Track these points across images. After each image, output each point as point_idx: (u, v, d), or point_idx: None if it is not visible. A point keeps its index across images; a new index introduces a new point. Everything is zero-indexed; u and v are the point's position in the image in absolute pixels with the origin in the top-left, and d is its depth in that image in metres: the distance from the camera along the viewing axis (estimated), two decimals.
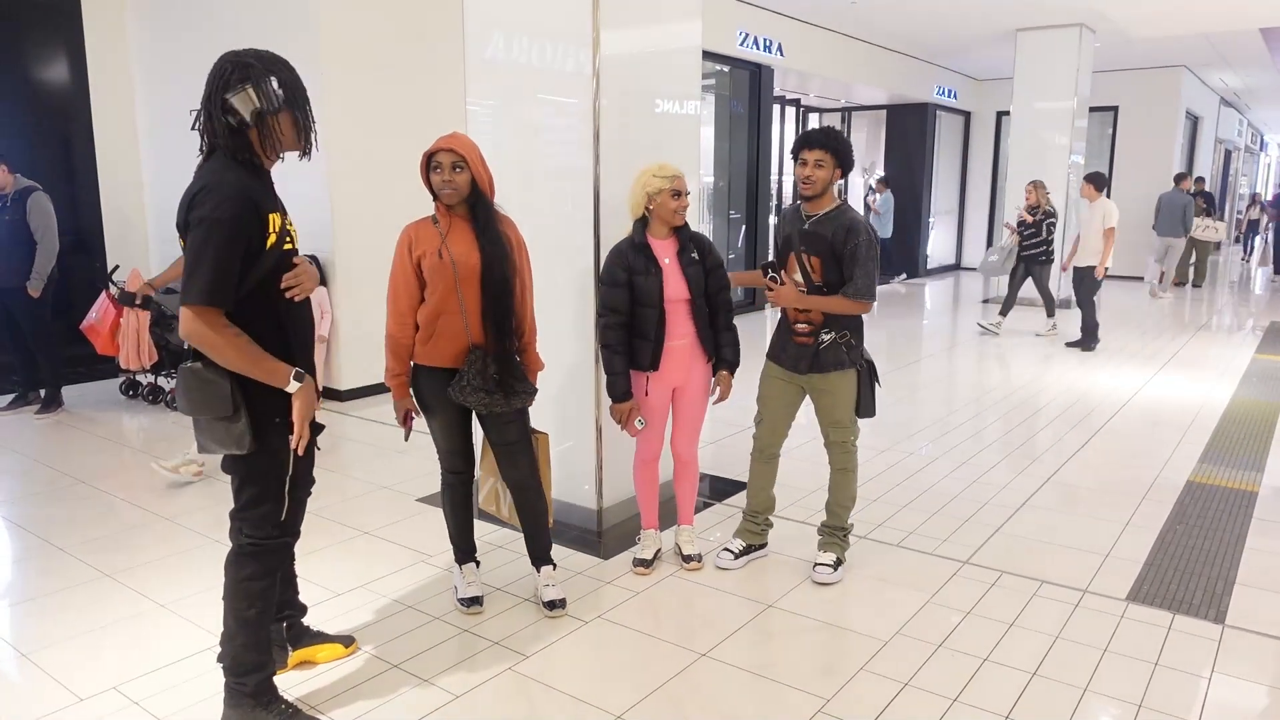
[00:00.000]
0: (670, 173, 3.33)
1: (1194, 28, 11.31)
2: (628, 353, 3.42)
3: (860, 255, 3.30)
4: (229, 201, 2.25)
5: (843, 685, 2.83)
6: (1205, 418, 6.17)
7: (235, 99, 2.31)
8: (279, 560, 2.59)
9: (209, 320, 2.25)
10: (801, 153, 3.36)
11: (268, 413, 2.39)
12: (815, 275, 3.38)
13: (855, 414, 3.51)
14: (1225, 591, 3.51)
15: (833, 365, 3.41)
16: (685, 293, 3.40)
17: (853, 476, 3.58)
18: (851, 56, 12.38)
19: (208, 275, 2.22)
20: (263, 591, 2.52)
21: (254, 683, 2.53)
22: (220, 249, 2.23)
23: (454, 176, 2.98)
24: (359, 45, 6.40)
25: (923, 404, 6.75)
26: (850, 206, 3.43)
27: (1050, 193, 9.90)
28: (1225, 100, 18.88)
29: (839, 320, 3.40)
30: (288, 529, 2.56)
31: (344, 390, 6.59)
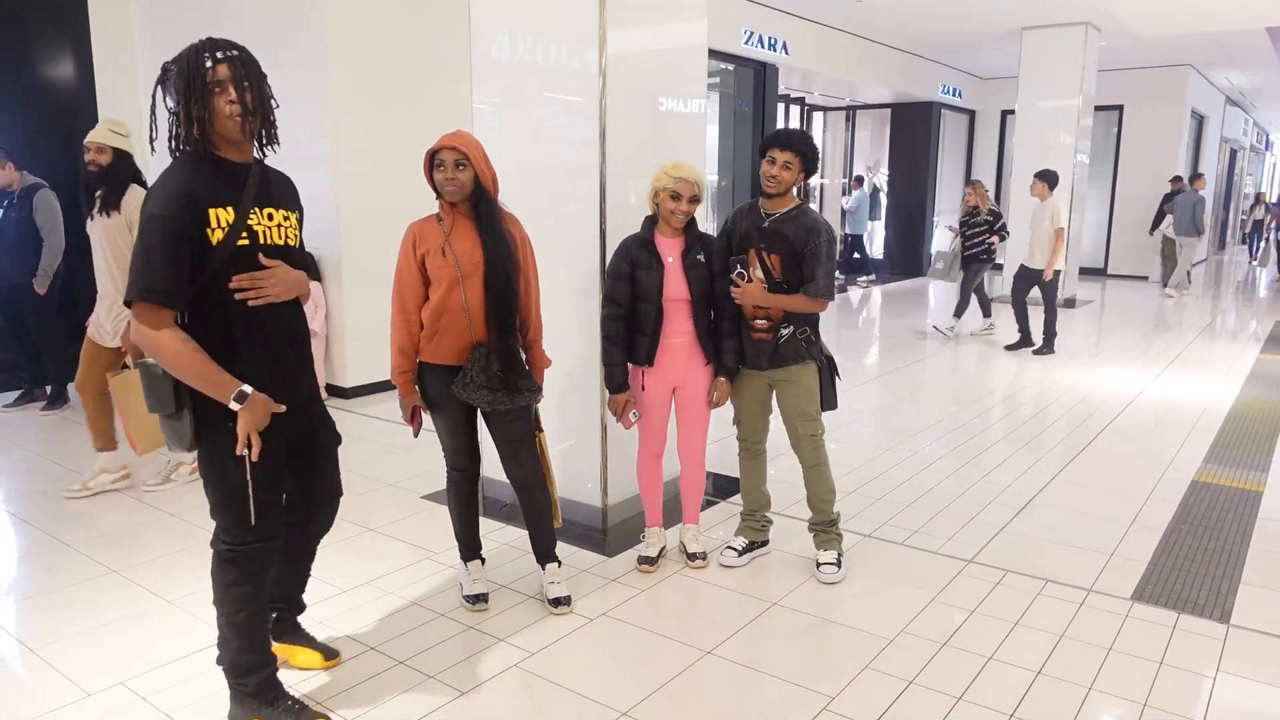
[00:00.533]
0: (678, 174, 3.33)
1: (1200, 27, 11.28)
2: (626, 345, 3.45)
3: (821, 255, 3.35)
4: (164, 198, 2.24)
5: (847, 683, 2.84)
6: (1210, 417, 6.16)
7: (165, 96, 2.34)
8: (260, 565, 2.49)
9: (149, 319, 2.22)
10: (771, 150, 3.38)
11: (219, 415, 2.31)
12: (775, 273, 3.41)
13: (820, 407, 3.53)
14: (1230, 591, 3.51)
15: (793, 358, 3.46)
16: (685, 293, 3.41)
17: (826, 469, 3.59)
18: (856, 55, 12.37)
19: (143, 271, 2.20)
20: (249, 595, 2.48)
21: (255, 683, 2.53)
22: (155, 245, 2.20)
23: (457, 174, 2.99)
24: (365, 44, 6.41)
25: (926, 403, 6.75)
26: (810, 207, 3.48)
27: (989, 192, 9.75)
28: (1231, 99, 18.84)
29: (797, 316, 3.43)
30: (263, 533, 2.45)
31: (349, 387, 6.60)
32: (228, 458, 2.35)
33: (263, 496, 2.42)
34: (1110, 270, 15.48)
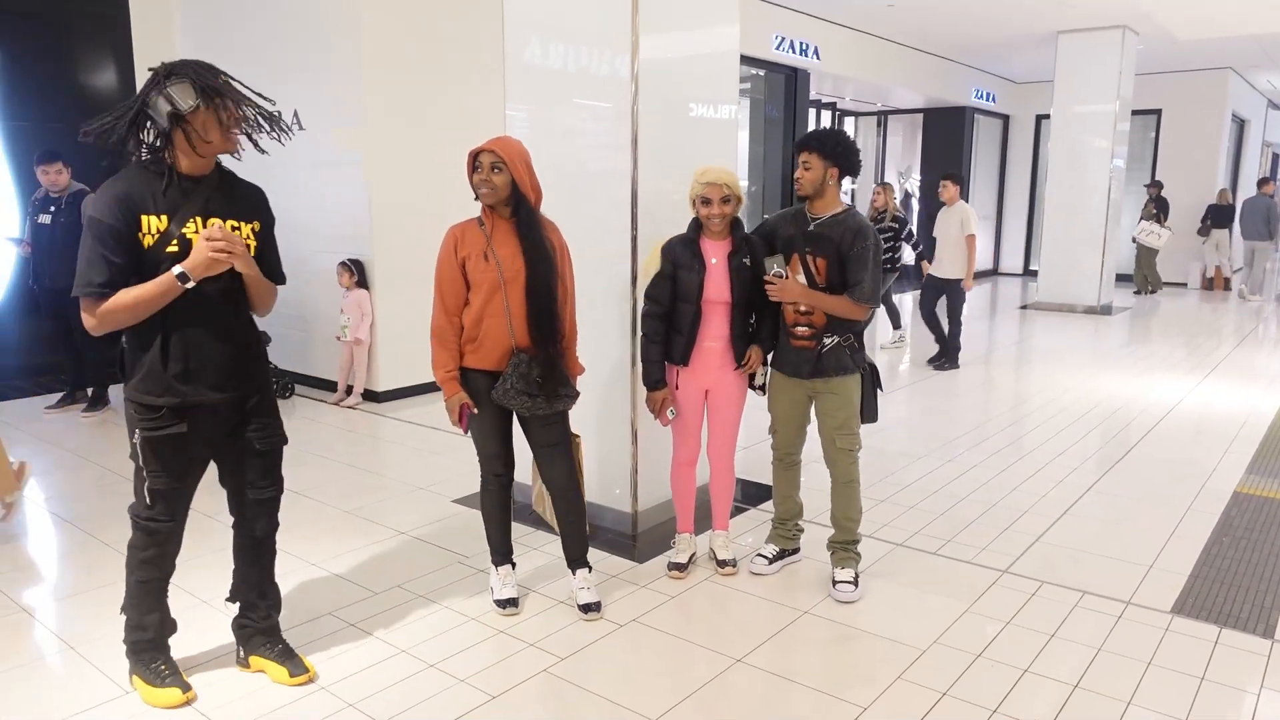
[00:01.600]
0: (708, 179, 3.32)
1: (1240, 29, 11.08)
2: (663, 343, 3.45)
3: (868, 259, 3.28)
4: (101, 203, 2.45)
5: (879, 694, 2.81)
6: (1252, 427, 6.03)
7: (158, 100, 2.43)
8: (159, 539, 2.70)
9: (89, 309, 2.47)
10: (796, 155, 3.39)
11: (127, 399, 2.60)
12: (819, 277, 3.35)
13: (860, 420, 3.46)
14: (1274, 606, 3.43)
15: (836, 370, 3.38)
16: (726, 295, 3.39)
17: (857, 488, 3.52)
18: (888, 59, 12.29)
19: (82, 269, 2.45)
20: (141, 562, 2.71)
21: (131, 640, 2.77)
22: (89, 245, 2.44)
23: (491, 177, 3.02)
24: (401, 48, 6.47)
25: (960, 411, 6.68)
26: (857, 210, 3.42)
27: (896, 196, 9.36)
28: (1273, 103, 18.47)
29: (841, 324, 3.35)
30: (156, 515, 2.67)
31: (381, 391, 6.66)
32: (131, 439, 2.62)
33: (153, 484, 2.64)
34: None
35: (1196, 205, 14.39)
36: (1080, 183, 11.82)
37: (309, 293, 6.89)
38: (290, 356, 7.08)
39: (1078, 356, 8.81)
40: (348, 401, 6.58)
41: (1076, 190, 11.84)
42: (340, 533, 4.10)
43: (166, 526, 2.70)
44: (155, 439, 2.58)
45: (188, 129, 2.45)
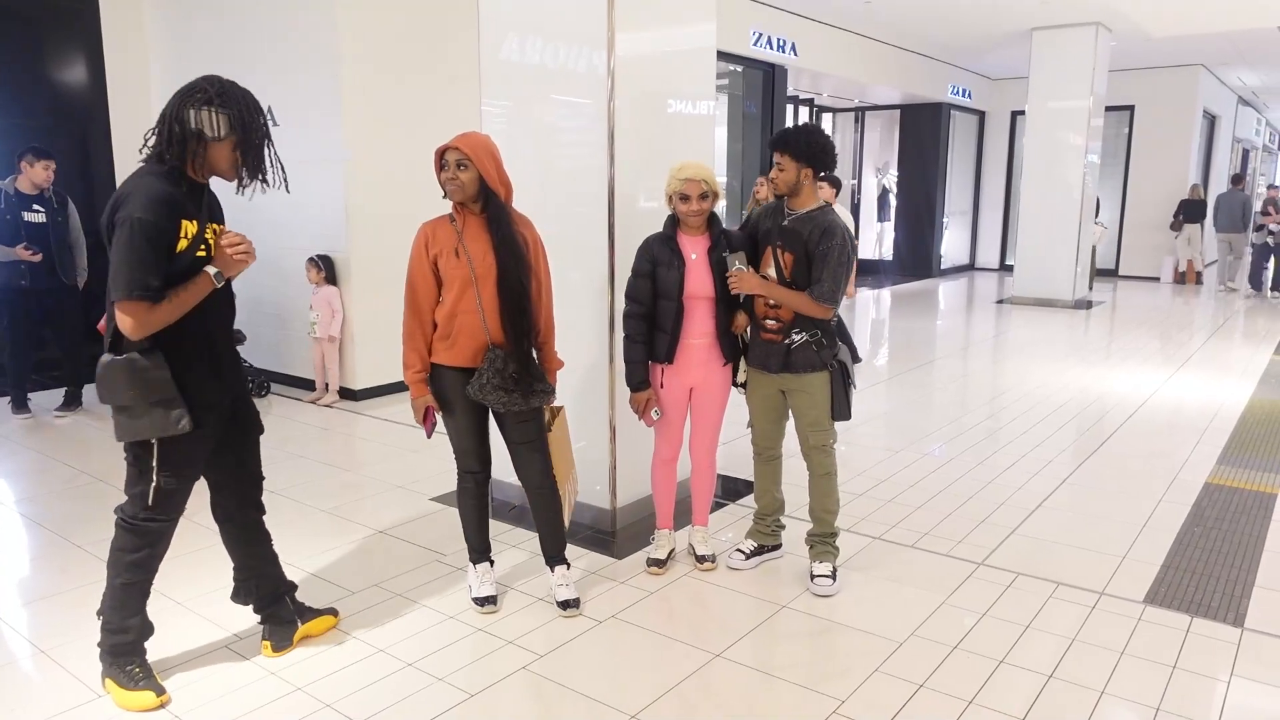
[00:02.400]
0: (686, 174, 3.32)
1: (1212, 26, 11.22)
2: (647, 343, 3.44)
3: (831, 258, 3.26)
4: (150, 204, 2.42)
5: (857, 686, 2.82)
6: (1223, 419, 6.12)
7: (195, 114, 2.50)
8: (151, 541, 2.71)
9: (136, 313, 2.42)
10: (771, 155, 3.40)
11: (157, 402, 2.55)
12: (786, 271, 3.35)
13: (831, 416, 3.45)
14: (1244, 594, 3.48)
15: (804, 366, 3.37)
16: (708, 290, 3.39)
17: (835, 481, 3.53)
18: (865, 56, 12.35)
19: (131, 271, 2.40)
20: (132, 565, 2.70)
21: (110, 642, 2.74)
22: (140, 247, 2.40)
23: (458, 174, 3.01)
24: (377, 46, 6.42)
25: (937, 405, 6.73)
26: (831, 209, 3.41)
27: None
28: (1243, 99, 18.73)
29: (808, 320, 3.35)
30: (156, 515, 2.67)
31: (358, 390, 6.62)
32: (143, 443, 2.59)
33: (165, 484, 2.63)
34: (1122, 271, 15.41)
35: (1169, 200, 14.57)
36: (1055, 178, 11.93)
37: (284, 291, 6.84)
38: (266, 355, 7.02)
39: (1053, 350, 8.89)
40: (324, 400, 6.53)
41: (1051, 186, 11.95)
42: (317, 532, 4.08)
43: (162, 526, 2.71)
44: (178, 439, 2.58)
45: (201, 152, 2.53)
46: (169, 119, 2.50)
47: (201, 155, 2.54)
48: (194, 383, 2.59)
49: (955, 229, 16.44)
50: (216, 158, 2.56)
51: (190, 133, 2.50)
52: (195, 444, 2.65)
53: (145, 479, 2.63)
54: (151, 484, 2.62)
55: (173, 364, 2.54)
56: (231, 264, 2.60)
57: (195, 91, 2.51)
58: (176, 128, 2.49)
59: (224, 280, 2.60)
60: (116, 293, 2.41)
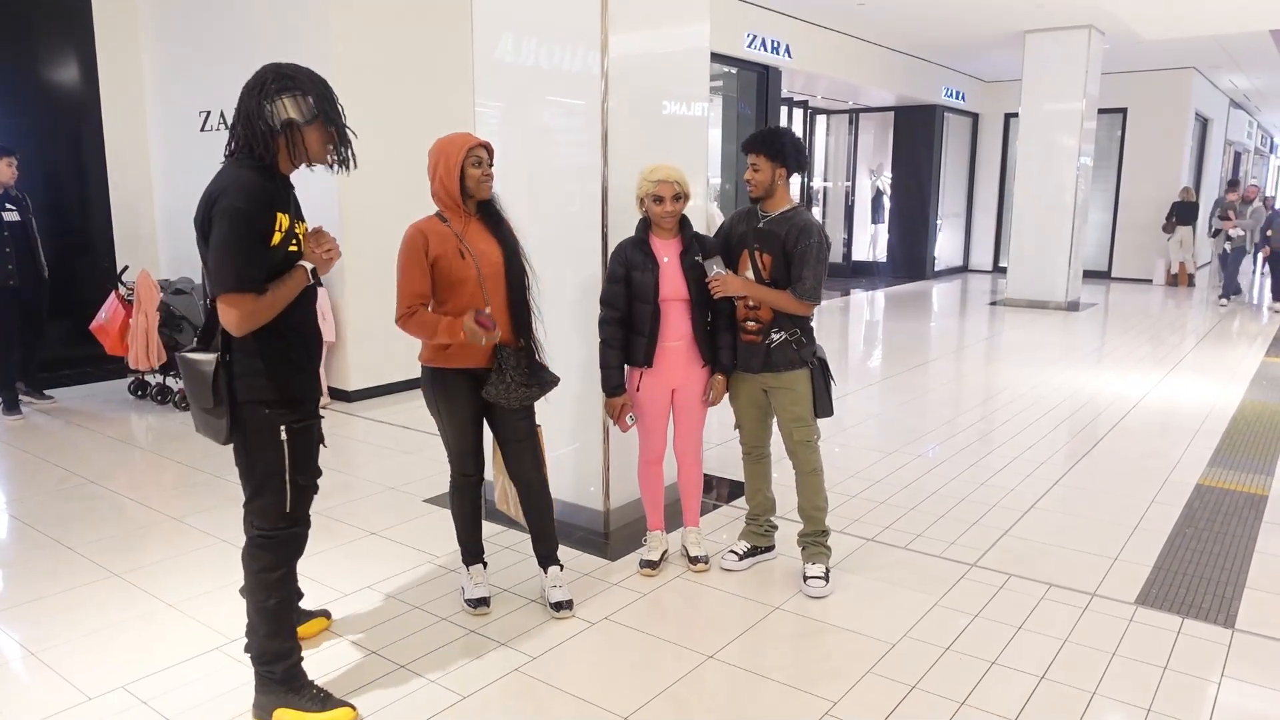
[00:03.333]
0: (658, 176, 3.33)
1: (1203, 29, 11.27)
2: (622, 348, 3.45)
3: (810, 256, 3.31)
4: (248, 194, 2.35)
5: (849, 688, 2.83)
6: (1214, 421, 6.14)
7: (271, 106, 2.41)
8: (293, 550, 2.64)
9: (243, 305, 2.33)
10: (746, 156, 3.44)
11: (253, 403, 2.46)
12: (765, 273, 3.40)
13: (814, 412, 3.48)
14: (1235, 595, 3.49)
15: (784, 364, 3.42)
16: (684, 292, 3.41)
17: (821, 478, 3.55)
18: (859, 58, 12.37)
19: (235, 262, 2.32)
20: (279, 581, 2.59)
21: (282, 670, 2.61)
22: (244, 237, 2.33)
23: (491, 171, 3.07)
24: (369, 46, 6.42)
25: (930, 406, 6.74)
26: (805, 209, 3.45)
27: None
28: (1235, 102, 18.81)
29: (787, 320, 3.40)
30: (296, 519, 2.60)
31: (352, 391, 6.60)
32: (266, 445, 2.48)
33: (301, 480, 2.56)
34: (1114, 273, 15.46)
35: (1161, 202, 14.62)
36: (1048, 181, 11.97)
37: None
38: None
39: (1046, 352, 8.92)
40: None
41: (1044, 188, 11.99)
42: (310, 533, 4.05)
43: (301, 530, 2.65)
44: (301, 432, 2.54)
45: (295, 138, 2.45)
46: (252, 118, 2.41)
47: (299, 143, 2.46)
48: (299, 376, 2.54)
49: (949, 231, 16.47)
50: (311, 141, 2.48)
51: (281, 123, 2.41)
52: (310, 436, 2.60)
53: (276, 484, 2.52)
54: (286, 487, 2.53)
55: (275, 357, 2.47)
56: (323, 263, 2.55)
57: (267, 83, 2.42)
58: (263, 125, 2.41)
59: (318, 277, 2.54)
60: (222, 285, 2.32)
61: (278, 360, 2.47)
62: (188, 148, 7.27)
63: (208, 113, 7.02)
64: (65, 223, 7.28)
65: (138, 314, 6.21)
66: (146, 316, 6.15)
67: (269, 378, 2.46)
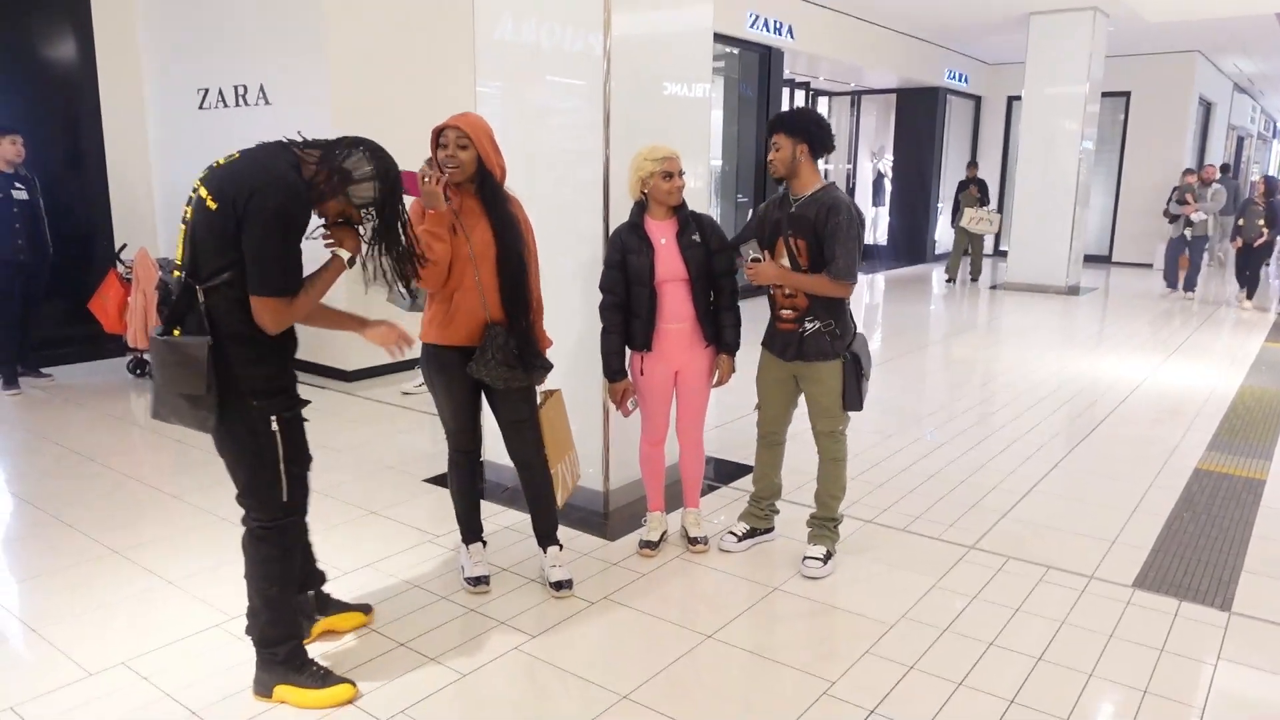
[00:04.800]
0: (661, 154, 3.32)
1: (1209, 12, 11.19)
2: (622, 333, 3.44)
3: (841, 233, 3.22)
4: (293, 196, 2.35)
5: (848, 668, 2.84)
6: (1214, 405, 6.15)
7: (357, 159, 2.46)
8: (293, 538, 2.64)
9: (280, 309, 2.35)
10: (767, 140, 3.38)
11: (245, 394, 2.42)
12: (802, 259, 3.33)
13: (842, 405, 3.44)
14: (1232, 579, 3.50)
15: (816, 355, 3.37)
16: (683, 272, 3.39)
17: (843, 467, 3.54)
18: (862, 39, 12.28)
19: (283, 265, 2.33)
20: (282, 570, 2.59)
21: (284, 652, 2.62)
22: (288, 239, 2.33)
23: (458, 153, 2.99)
24: (365, 27, 6.36)
25: (930, 390, 6.74)
26: (835, 186, 3.38)
27: None
28: (1239, 86, 18.70)
29: (823, 309, 3.34)
30: (293, 507, 2.60)
31: (350, 370, 6.60)
32: (257, 437, 2.45)
33: (295, 469, 2.55)
34: (1115, 258, 15.44)
35: (1163, 187, 14.56)
36: (1050, 164, 11.92)
37: None
38: None
39: (1046, 335, 8.91)
40: None
41: (1046, 172, 11.94)
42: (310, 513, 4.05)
43: (299, 519, 2.66)
44: (292, 420, 2.53)
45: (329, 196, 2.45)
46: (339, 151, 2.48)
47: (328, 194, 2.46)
48: (287, 363, 2.53)
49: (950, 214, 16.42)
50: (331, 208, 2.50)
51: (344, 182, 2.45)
52: (299, 423, 2.59)
53: (269, 473, 2.49)
54: (282, 477, 2.50)
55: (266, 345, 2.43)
56: (358, 244, 2.54)
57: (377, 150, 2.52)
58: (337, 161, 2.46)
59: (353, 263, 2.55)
60: (267, 289, 2.32)
61: (265, 346, 2.43)
62: (186, 126, 7.22)
63: (205, 90, 6.97)
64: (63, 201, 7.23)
65: (136, 292, 6.19)
66: (145, 295, 6.13)
67: (256, 366, 2.42)
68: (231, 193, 2.31)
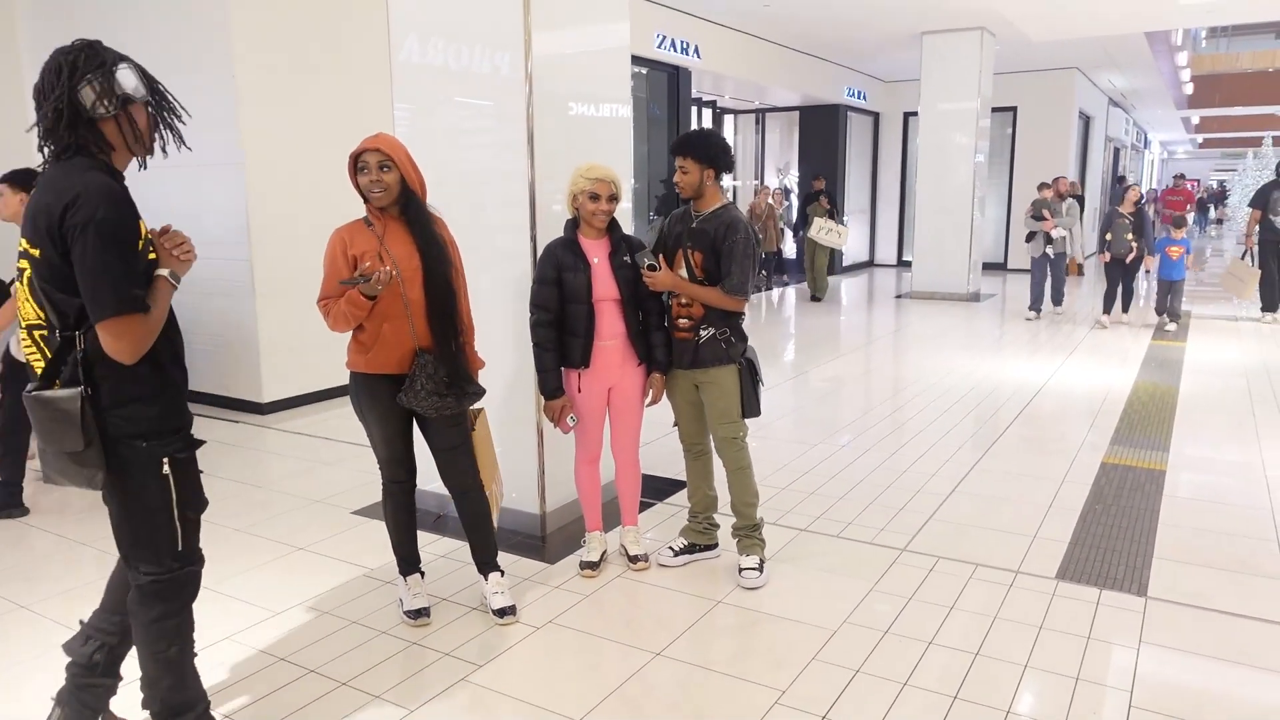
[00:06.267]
0: (595, 174, 3.33)
1: (1085, 31, 11.89)
2: (558, 350, 3.44)
3: (737, 252, 3.37)
4: (110, 202, 2.05)
5: (796, 675, 2.87)
6: (1112, 401, 6.49)
7: (85, 90, 2.06)
8: (189, 592, 2.34)
9: (133, 327, 2.08)
10: (672, 159, 3.51)
11: (130, 438, 2.16)
12: (698, 270, 3.46)
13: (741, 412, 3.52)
14: (1145, 565, 3.69)
15: (713, 360, 3.47)
16: (615, 292, 3.41)
17: (749, 474, 3.60)
18: (765, 58, 12.60)
19: (116, 282, 2.04)
20: (177, 628, 2.32)
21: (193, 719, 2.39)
22: (121, 251, 2.06)
23: (382, 175, 2.93)
24: (276, 47, 6.20)
25: (847, 398, 6.91)
26: (734, 206, 3.53)
27: None
28: (1113, 100, 19.90)
29: (718, 317, 3.45)
30: (190, 557, 2.31)
31: (265, 403, 6.36)
32: (147, 481, 2.20)
33: (191, 514, 2.30)
34: (1010, 265, 16.15)
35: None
36: (946, 177, 12.43)
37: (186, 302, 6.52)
38: None
39: (952, 341, 9.26)
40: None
41: (943, 184, 12.45)
42: (232, 553, 3.89)
43: (196, 570, 2.34)
44: (185, 461, 2.26)
45: (126, 121, 2.13)
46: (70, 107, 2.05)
47: (133, 126, 2.14)
48: (176, 397, 2.26)
49: (854, 226, 16.88)
50: (143, 124, 2.18)
51: (118, 102, 2.09)
52: (194, 464, 2.30)
53: (163, 521, 2.23)
54: (176, 524, 2.24)
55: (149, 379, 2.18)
56: (180, 265, 2.24)
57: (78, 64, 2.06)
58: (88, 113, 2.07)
59: (179, 281, 2.23)
60: (105, 310, 2.03)
61: (152, 382, 2.18)
62: None
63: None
64: None
65: None
66: None
67: (144, 404, 2.17)
68: (45, 224, 2.05)
